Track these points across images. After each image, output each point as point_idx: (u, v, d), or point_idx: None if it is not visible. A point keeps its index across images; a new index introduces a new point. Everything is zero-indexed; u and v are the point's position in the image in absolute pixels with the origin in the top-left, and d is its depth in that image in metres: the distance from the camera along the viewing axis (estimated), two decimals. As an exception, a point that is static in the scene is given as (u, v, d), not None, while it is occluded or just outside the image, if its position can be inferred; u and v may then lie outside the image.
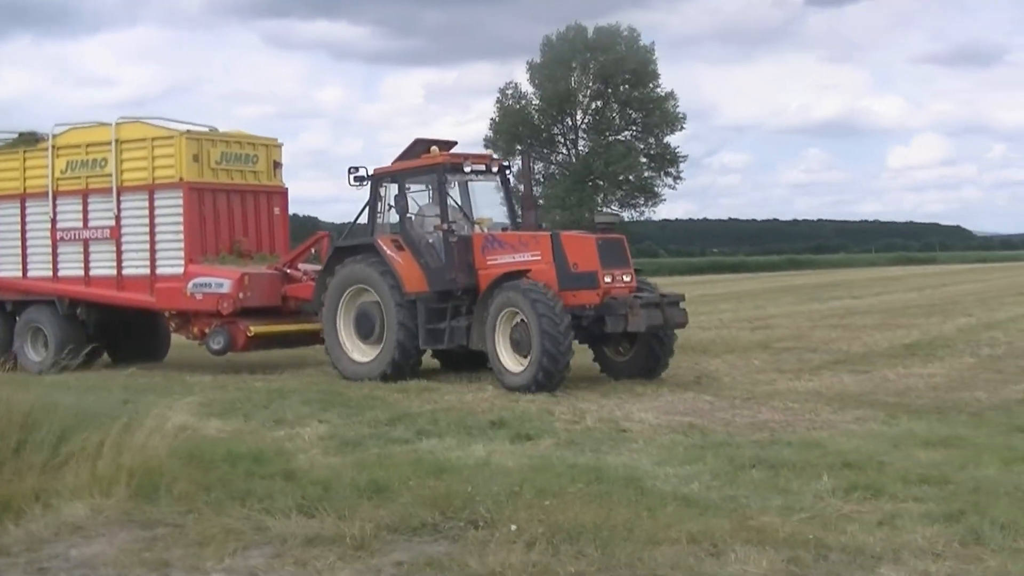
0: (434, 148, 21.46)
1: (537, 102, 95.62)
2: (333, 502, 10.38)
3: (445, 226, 20.58)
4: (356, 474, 11.66)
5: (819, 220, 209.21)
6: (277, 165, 25.65)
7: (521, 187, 24.95)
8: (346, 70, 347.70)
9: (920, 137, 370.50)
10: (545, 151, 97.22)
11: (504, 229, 21.26)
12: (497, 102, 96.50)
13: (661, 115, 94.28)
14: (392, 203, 21.34)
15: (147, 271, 24.11)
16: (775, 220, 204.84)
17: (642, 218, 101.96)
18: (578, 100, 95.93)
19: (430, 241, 21.06)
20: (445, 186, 20.93)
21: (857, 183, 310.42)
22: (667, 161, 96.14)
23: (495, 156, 21.97)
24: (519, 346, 19.11)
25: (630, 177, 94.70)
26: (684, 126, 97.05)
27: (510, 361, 19.29)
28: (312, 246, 24.70)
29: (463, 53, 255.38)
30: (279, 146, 25.97)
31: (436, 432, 14.90)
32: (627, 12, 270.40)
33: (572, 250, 19.51)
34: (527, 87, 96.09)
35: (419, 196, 21.84)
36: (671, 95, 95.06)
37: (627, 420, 15.77)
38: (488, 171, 21.88)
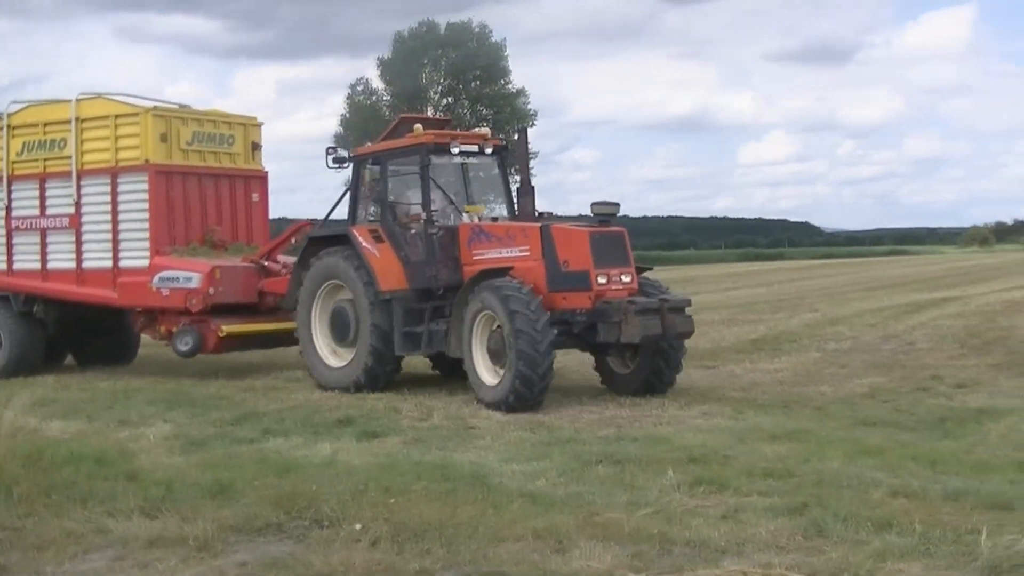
0: (418, 126, 19.23)
1: (388, 98, 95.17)
2: (176, 503, 10.32)
3: (424, 215, 18.51)
4: (200, 474, 11.58)
5: (669, 216, 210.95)
6: (256, 147, 23.40)
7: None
8: (199, 64, 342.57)
9: (771, 134, 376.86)
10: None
11: (494, 220, 19.21)
12: (348, 98, 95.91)
13: (512, 112, 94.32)
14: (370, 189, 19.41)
15: (110, 264, 21.85)
16: (626, 217, 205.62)
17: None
18: (429, 96, 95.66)
19: (413, 232, 18.88)
20: (428, 169, 18.56)
21: (710, 179, 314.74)
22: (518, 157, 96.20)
23: (490, 135, 19.95)
24: (496, 356, 16.87)
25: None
26: (535, 123, 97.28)
27: (486, 372, 17.03)
28: (293, 236, 21.91)
29: (316, 48, 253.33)
30: (258, 126, 23.73)
31: (282, 431, 14.80)
32: (482, 7, 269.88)
33: (563, 245, 17.22)
34: (378, 83, 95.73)
35: (409, 181, 19.59)
36: (522, 92, 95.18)
37: (474, 417, 15.81)
38: (481, 152, 19.44)
